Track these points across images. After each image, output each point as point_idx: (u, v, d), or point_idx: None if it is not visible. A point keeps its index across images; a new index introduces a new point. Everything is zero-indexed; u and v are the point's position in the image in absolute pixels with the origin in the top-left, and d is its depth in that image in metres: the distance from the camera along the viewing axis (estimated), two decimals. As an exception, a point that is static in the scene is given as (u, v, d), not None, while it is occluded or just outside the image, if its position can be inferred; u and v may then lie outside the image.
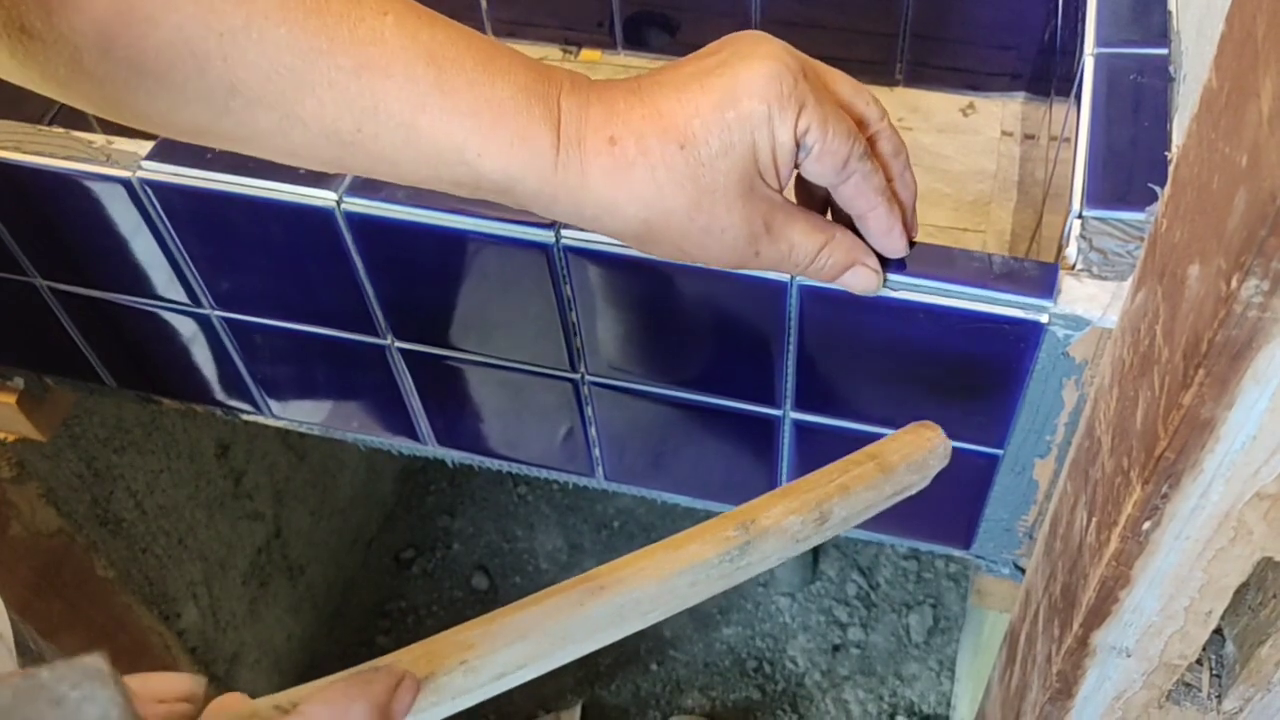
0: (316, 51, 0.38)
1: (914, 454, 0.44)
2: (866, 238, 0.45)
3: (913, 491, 0.45)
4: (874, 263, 0.45)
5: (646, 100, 0.41)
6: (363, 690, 0.36)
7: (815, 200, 0.47)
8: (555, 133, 0.40)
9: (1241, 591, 0.37)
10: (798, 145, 0.41)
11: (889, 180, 0.44)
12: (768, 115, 0.40)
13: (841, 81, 0.44)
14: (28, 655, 0.54)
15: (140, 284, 0.60)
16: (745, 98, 0.40)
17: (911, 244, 0.46)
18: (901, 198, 0.45)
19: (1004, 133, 0.73)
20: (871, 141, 0.44)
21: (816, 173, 0.43)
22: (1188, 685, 0.42)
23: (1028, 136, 0.72)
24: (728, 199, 0.41)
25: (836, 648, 1.29)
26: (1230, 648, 0.41)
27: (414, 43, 0.39)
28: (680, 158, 0.40)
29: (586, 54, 0.82)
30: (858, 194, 0.43)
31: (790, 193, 0.44)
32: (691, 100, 0.40)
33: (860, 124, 0.43)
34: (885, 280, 0.46)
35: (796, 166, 0.43)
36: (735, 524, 0.39)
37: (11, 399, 0.75)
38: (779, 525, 0.40)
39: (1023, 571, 0.59)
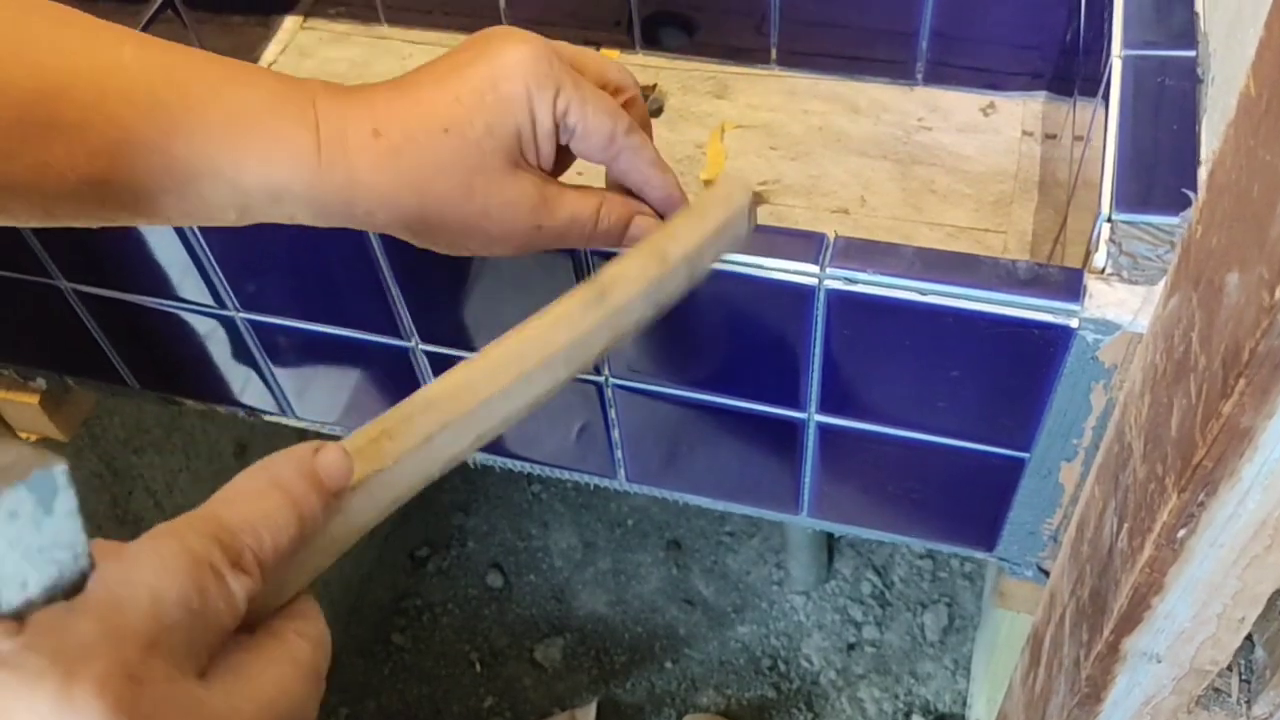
0: (57, 90, 0.37)
1: (720, 191, 0.47)
2: (652, 208, 0.47)
3: (740, 232, 0.46)
4: (649, 210, 0.47)
5: (407, 93, 0.42)
6: (272, 466, 0.34)
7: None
8: (314, 133, 0.40)
9: (1274, 598, 0.37)
10: (557, 126, 0.42)
11: None
12: (527, 97, 0.41)
13: (593, 59, 0.45)
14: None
15: (164, 286, 0.61)
16: (504, 81, 0.41)
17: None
18: None
19: (1025, 132, 0.73)
20: (626, 106, 0.45)
21: (585, 150, 0.44)
22: (1217, 690, 0.42)
23: (1049, 136, 0.72)
24: (500, 178, 0.42)
25: (851, 646, 1.29)
26: (1260, 653, 0.41)
27: (153, 67, 0.39)
28: (445, 141, 0.41)
29: (604, 53, 0.82)
30: (630, 168, 0.45)
31: None
32: (451, 88, 0.41)
33: (617, 92, 0.45)
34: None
35: (564, 147, 0.44)
36: (585, 286, 0.42)
37: (34, 399, 0.76)
38: (624, 273, 0.42)
39: (1046, 574, 0.59)
